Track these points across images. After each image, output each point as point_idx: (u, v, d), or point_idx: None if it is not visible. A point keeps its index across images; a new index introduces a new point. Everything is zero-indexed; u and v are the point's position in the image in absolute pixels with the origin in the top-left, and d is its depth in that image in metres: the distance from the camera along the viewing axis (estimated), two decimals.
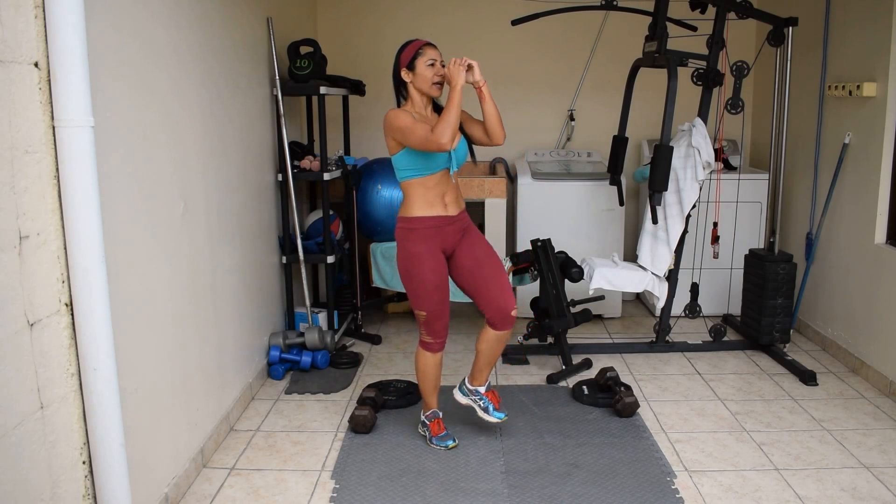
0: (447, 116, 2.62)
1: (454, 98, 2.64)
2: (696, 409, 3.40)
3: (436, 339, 2.94)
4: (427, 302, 2.86)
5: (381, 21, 5.06)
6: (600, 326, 4.64)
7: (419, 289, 2.85)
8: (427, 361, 2.98)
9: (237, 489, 2.72)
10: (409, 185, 2.83)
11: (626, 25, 4.47)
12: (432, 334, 2.93)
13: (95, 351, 1.99)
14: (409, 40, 2.82)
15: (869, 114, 3.69)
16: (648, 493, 2.65)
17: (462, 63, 2.68)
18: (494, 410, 3.03)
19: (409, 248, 2.84)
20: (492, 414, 3.02)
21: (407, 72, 2.78)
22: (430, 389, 3.04)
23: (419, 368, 3.01)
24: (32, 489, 1.85)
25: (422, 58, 2.75)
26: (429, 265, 2.82)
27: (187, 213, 2.74)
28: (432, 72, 2.76)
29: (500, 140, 2.84)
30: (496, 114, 2.78)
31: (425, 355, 2.98)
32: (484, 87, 2.73)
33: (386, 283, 4.44)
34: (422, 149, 2.70)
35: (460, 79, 2.67)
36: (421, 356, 2.99)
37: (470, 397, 3.07)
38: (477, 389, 3.06)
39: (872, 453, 2.95)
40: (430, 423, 3.06)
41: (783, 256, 4.00)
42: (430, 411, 3.07)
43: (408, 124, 2.69)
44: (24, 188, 1.81)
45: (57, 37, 1.85)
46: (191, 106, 2.80)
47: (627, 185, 4.94)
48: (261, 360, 3.69)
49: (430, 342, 2.95)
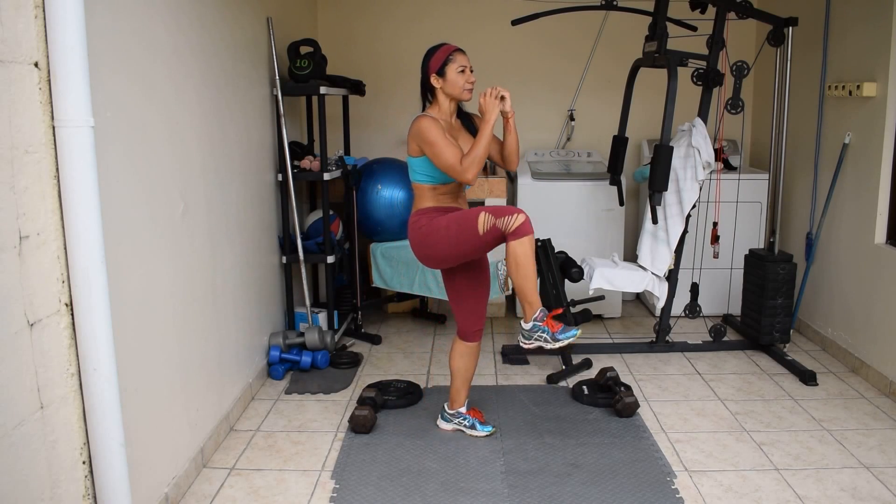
0: (475, 151, 2.64)
1: (486, 133, 2.66)
2: (696, 409, 3.40)
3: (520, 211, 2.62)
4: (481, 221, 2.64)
5: (381, 21, 5.06)
6: (600, 326, 4.64)
7: (464, 216, 2.69)
8: (526, 251, 2.63)
9: (237, 489, 2.72)
10: (421, 187, 2.85)
11: (627, 25, 4.47)
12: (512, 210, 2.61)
13: (95, 351, 1.99)
14: (436, 45, 2.82)
15: (869, 114, 3.69)
16: (648, 493, 2.65)
17: (496, 95, 2.70)
18: (481, 425, 3.11)
19: (434, 224, 2.76)
20: (479, 429, 3.10)
21: (437, 77, 2.77)
22: (534, 286, 2.70)
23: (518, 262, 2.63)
24: (32, 489, 1.85)
25: (452, 64, 2.75)
26: (456, 215, 2.74)
27: (187, 213, 2.74)
28: (464, 78, 2.76)
29: (514, 168, 2.98)
30: (517, 145, 2.89)
31: (523, 242, 2.61)
32: (511, 118, 2.79)
33: (386, 283, 4.44)
34: (444, 171, 2.72)
35: (495, 113, 2.70)
36: (517, 246, 2.62)
37: (454, 421, 3.13)
38: (458, 411, 3.12)
39: (872, 453, 2.95)
40: (543, 322, 2.69)
41: (783, 256, 4.00)
42: (537, 311, 2.70)
43: (438, 142, 2.67)
44: (24, 188, 1.81)
45: (57, 37, 1.85)
46: (191, 106, 2.80)
47: (627, 185, 4.94)
48: (261, 360, 3.69)
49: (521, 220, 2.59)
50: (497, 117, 2.71)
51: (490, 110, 2.69)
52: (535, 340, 2.71)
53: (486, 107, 2.71)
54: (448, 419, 3.14)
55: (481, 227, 2.64)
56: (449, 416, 3.14)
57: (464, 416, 3.11)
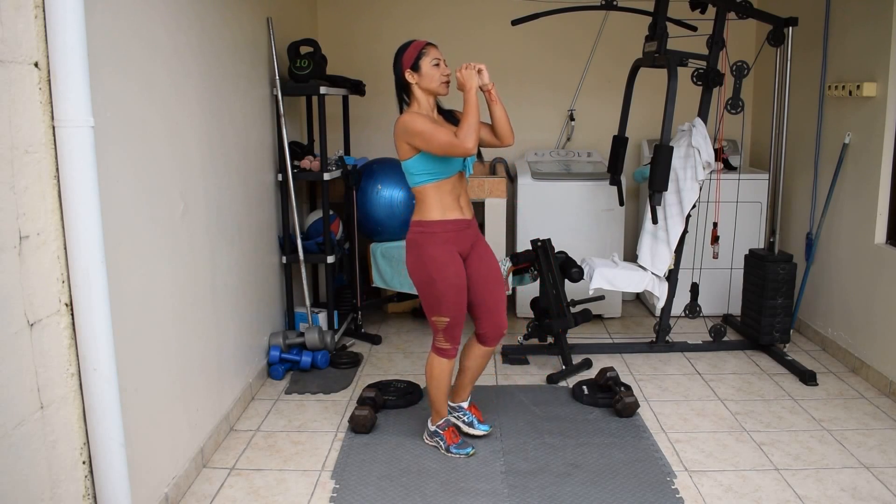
0: (468, 120, 2.60)
1: (471, 101, 2.62)
2: (696, 409, 3.40)
3: (454, 344, 2.86)
4: (450, 306, 2.78)
5: (381, 21, 5.06)
6: (600, 326, 4.64)
7: (443, 294, 2.76)
8: (443, 369, 2.88)
9: (237, 489, 2.72)
10: (424, 190, 2.78)
11: (627, 25, 4.47)
12: (451, 339, 2.84)
13: (95, 351, 1.99)
14: (407, 42, 2.77)
15: (869, 114, 3.69)
16: (648, 493, 2.65)
17: (473, 67, 2.67)
18: (479, 423, 3.09)
19: (429, 252, 2.76)
20: (477, 427, 3.08)
21: (412, 73, 2.73)
22: (444, 398, 2.97)
23: (434, 376, 2.90)
24: (32, 489, 1.85)
25: (426, 58, 2.71)
26: (452, 268, 2.76)
27: (187, 213, 2.74)
28: (439, 71, 2.72)
29: (510, 140, 2.85)
30: (505, 115, 2.79)
31: (441, 362, 2.88)
32: (493, 89, 2.73)
33: (386, 283, 4.44)
34: (444, 154, 2.66)
35: (474, 82, 2.66)
36: (436, 363, 2.88)
37: (453, 415, 3.11)
38: (460, 406, 3.10)
39: (872, 453, 2.95)
40: (444, 431, 2.98)
41: (783, 256, 4.00)
42: (442, 420, 3.00)
43: (428, 128, 2.64)
44: (24, 188, 1.81)
45: (57, 37, 1.85)
46: (191, 106, 2.80)
47: (627, 185, 4.94)
48: (261, 360, 3.69)
49: (447, 348, 2.85)
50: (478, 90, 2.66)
51: (468, 79, 2.65)
52: (432, 443, 3.02)
53: (463, 78, 2.67)
54: (449, 411, 3.11)
55: (432, 315, 2.82)
56: (450, 409, 3.10)
57: (464, 411, 3.09)
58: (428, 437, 3.04)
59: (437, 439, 3.00)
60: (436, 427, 3.01)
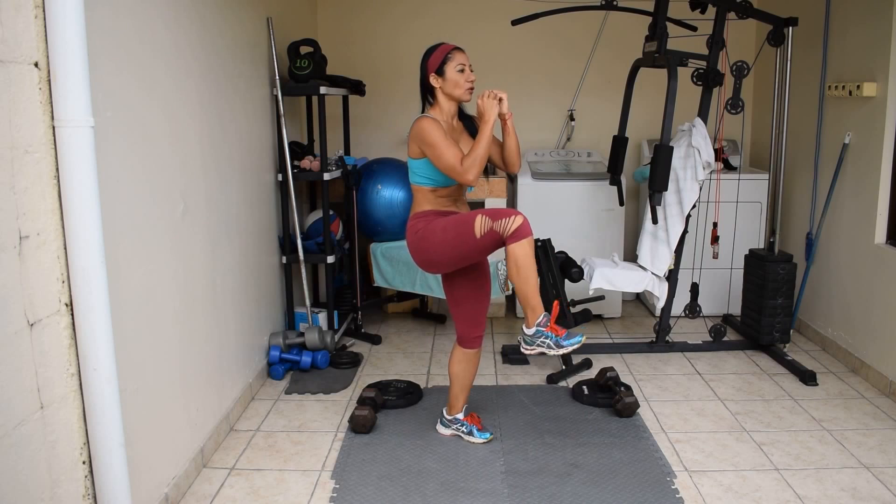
0: (476, 152, 2.60)
1: (486, 134, 2.63)
2: (696, 409, 3.40)
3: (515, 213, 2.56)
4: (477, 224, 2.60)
5: (382, 21, 5.06)
6: (600, 326, 4.64)
7: (463, 218, 2.65)
8: (527, 251, 2.57)
9: (237, 489, 2.72)
10: (420, 189, 2.80)
11: (627, 25, 4.47)
12: (507, 212, 2.56)
13: (95, 351, 1.99)
14: (434, 45, 2.78)
15: (869, 114, 3.69)
16: (648, 493, 2.65)
17: (494, 96, 2.68)
18: (479, 432, 3.08)
19: (431, 226, 2.72)
20: (477, 436, 3.07)
21: (436, 77, 2.73)
22: (537, 289, 2.65)
23: (522, 264, 2.57)
24: (32, 489, 1.85)
25: (451, 62, 2.71)
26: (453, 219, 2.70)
27: (187, 213, 2.74)
28: (463, 77, 2.72)
29: (516, 170, 2.92)
30: (517, 147, 2.84)
31: (522, 244, 2.55)
32: (510, 119, 2.75)
33: (387, 283, 4.44)
34: (445, 173, 2.69)
35: (493, 113, 2.67)
36: (520, 249, 2.56)
37: (452, 427, 3.11)
38: (456, 417, 3.09)
39: (872, 453, 2.95)
40: (547, 327, 2.64)
41: (783, 256, 4.00)
42: (541, 315, 2.64)
43: (440, 144, 2.63)
44: (24, 188, 1.81)
45: (57, 37, 1.85)
46: (191, 106, 2.80)
47: (627, 185, 4.94)
48: (261, 360, 3.69)
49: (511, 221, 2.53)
50: (496, 118, 2.69)
51: (488, 110, 2.67)
52: (537, 346, 2.65)
53: (483, 107, 2.68)
54: (447, 424, 3.12)
55: (478, 230, 2.59)
56: (447, 422, 3.12)
57: (461, 422, 3.09)
58: (527, 346, 2.68)
59: (543, 338, 2.64)
60: (536, 327, 2.64)
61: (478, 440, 3.06)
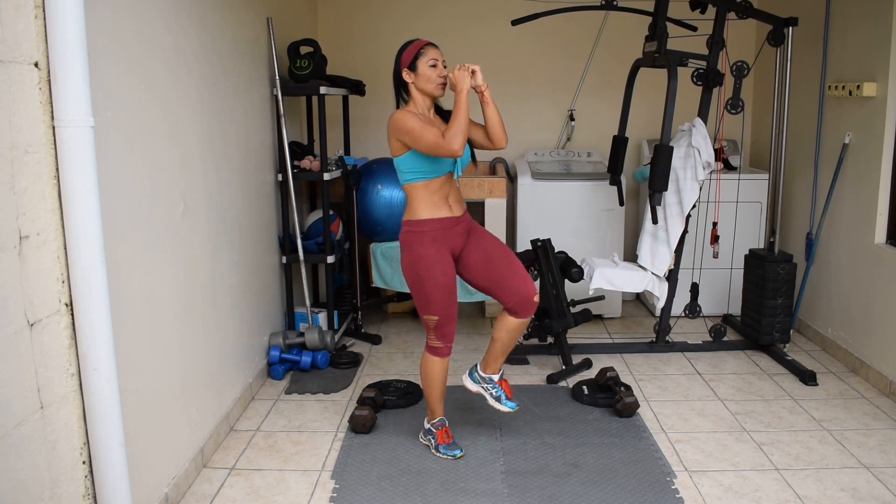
0: (457, 121, 2.59)
1: (462, 102, 2.62)
2: (696, 409, 3.40)
3: (446, 342, 2.86)
4: (438, 305, 2.78)
5: (382, 21, 5.06)
6: (600, 326, 4.64)
7: (431, 292, 2.77)
8: (435, 367, 2.89)
9: (237, 489, 2.72)
10: (413, 187, 2.79)
11: (627, 25, 4.47)
12: (442, 338, 2.84)
13: (95, 351, 1.99)
14: (409, 41, 2.79)
15: (869, 114, 3.69)
16: (648, 493, 2.65)
17: (466, 68, 2.67)
18: (507, 400, 2.99)
19: (417, 251, 2.77)
20: (504, 403, 2.98)
21: (408, 72, 2.74)
22: (438, 397, 2.96)
23: (426, 375, 2.92)
24: (32, 489, 1.85)
25: (423, 58, 2.72)
26: (439, 267, 2.77)
27: (187, 213, 2.74)
28: (435, 72, 2.73)
29: (503, 143, 2.83)
30: (498, 118, 2.78)
31: (433, 360, 2.89)
32: (486, 91, 2.71)
33: (386, 283, 4.44)
34: (431, 153, 2.67)
35: (466, 83, 2.65)
36: (429, 362, 2.89)
37: (481, 384, 3.01)
38: (490, 377, 3.00)
39: (872, 453, 2.95)
40: (437, 430, 2.98)
41: (783, 256, 4.00)
42: (436, 419, 2.99)
43: (417, 127, 2.65)
44: (24, 188, 1.81)
45: (57, 37, 1.85)
46: (191, 105, 2.80)
47: (627, 185, 4.94)
48: (261, 360, 3.69)
49: (439, 346, 2.86)
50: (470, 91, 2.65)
51: (460, 80, 2.65)
52: (426, 440, 3.04)
53: (455, 79, 2.66)
54: (477, 380, 3.02)
55: (424, 315, 2.83)
56: (479, 378, 3.01)
57: (494, 384, 3.00)
58: (422, 436, 3.07)
59: (430, 437, 3.01)
60: (430, 425, 3.02)
61: (504, 407, 2.98)
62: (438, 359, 2.89)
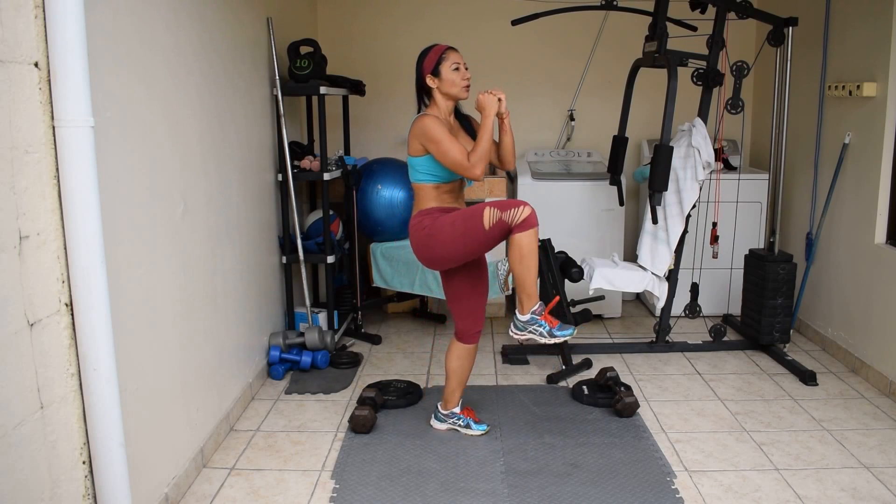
0: (482, 145, 2.68)
1: (488, 127, 2.71)
2: (696, 409, 3.40)
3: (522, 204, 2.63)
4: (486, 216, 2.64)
5: (382, 21, 5.06)
6: (600, 326, 4.64)
7: (473, 223, 2.66)
8: (532, 239, 2.65)
9: (237, 489, 2.72)
10: (423, 187, 2.85)
11: (627, 25, 4.47)
12: (515, 204, 2.62)
13: (95, 351, 1.99)
14: (428, 47, 2.83)
15: (869, 114, 3.69)
16: (648, 493, 2.65)
17: (494, 94, 2.74)
18: (475, 424, 3.12)
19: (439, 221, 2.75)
20: (475, 428, 3.11)
21: (432, 78, 2.79)
22: (533, 281, 2.71)
23: (525, 253, 2.64)
24: (32, 489, 1.85)
25: (446, 62, 2.77)
26: (461, 212, 2.74)
27: (187, 213, 2.74)
28: (459, 75, 2.78)
29: (511, 167, 3.01)
30: (512, 145, 2.93)
31: (529, 233, 2.63)
32: (507, 118, 2.83)
33: (386, 283, 4.44)
34: (451, 169, 2.74)
35: (494, 108, 2.74)
36: (525, 238, 2.64)
37: (448, 421, 3.14)
38: (452, 412, 3.13)
39: (872, 453, 2.95)
40: (541, 316, 2.73)
41: (783, 256, 4.00)
42: (537, 304, 2.73)
43: (444, 139, 2.69)
44: (24, 188, 1.81)
45: (57, 37, 1.85)
46: (191, 105, 2.80)
47: (627, 185, 4.94)
48: (261, 360, 3.69)
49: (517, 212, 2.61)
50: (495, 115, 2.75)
51: (489, 105, 2.73)
52: (529, 333, 2.75)
53: (484, 103, 2.74)
54: (442, 419, 3.15)
55: (487, 221, 2.65)
56: (443, 417, 3.15)
57: (458, 415, 3.12)
58: (517, 331, 2.78)
59: (535, 325, 2.73)
60: (530, 314, 2.73)
61: (476, 432, 3.09)
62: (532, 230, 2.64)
